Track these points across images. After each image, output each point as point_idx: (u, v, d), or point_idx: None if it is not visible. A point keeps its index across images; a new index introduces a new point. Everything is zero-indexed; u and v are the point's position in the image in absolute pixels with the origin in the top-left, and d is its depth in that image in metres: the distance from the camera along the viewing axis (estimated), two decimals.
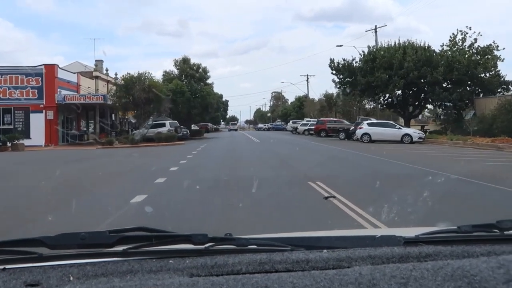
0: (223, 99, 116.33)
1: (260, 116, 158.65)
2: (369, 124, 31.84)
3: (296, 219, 6.41)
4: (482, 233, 1.32)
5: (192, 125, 73.24)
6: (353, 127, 35.88)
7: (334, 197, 7.84)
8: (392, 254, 1.16)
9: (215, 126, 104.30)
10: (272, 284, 0.97)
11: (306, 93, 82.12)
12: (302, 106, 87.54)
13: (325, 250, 1.19)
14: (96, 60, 55.21)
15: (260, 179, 10.78)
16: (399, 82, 34.16)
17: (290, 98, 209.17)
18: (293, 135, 54.76)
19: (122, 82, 35.81)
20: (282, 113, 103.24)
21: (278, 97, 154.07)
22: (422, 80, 34.47)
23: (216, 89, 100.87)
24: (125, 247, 1.17)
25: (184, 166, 15.40)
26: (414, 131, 31.06)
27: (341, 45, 43.91)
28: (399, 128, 31.00)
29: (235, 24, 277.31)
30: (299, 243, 1.26)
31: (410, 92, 36.78)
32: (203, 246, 1.19)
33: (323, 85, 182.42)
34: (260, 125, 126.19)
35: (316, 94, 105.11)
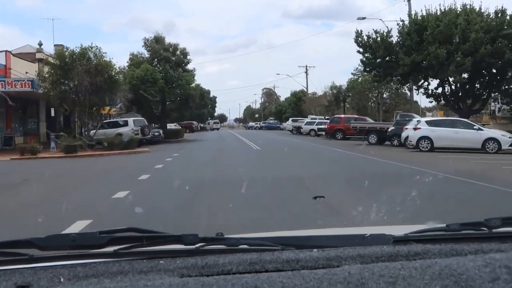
0: (211, 95, 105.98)
1: (250, 113, 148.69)
2: (430, 123, 20.95)
3: None
4: (470, 231, 1.32)
5: (174, 124, 62.07)
6: (392, 127, 25.13)
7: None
8: (381, 253, 1.16)
9: (201, 125, 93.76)
10: (261, 284, 0.96)
11: (305, 87, 71.27)
12: (300, 102, 77.31)
13: (315, 250, 1.18)
14: (55, 45, 44.18)
15: None
16: (465, 60, 23.31)
17: (283, 94, 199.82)
18: (295, 136, 44.03)
19: (57, 61, 24.52)
20: (276, 110, 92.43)
21: (269, 94, 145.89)
22: (496, 59, 23.66)
23: (204, 86, 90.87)
24: (115, 247, 1.16)
25: None
26: (502, 134, 20.15)
27: (363, 18, 33.09)
28: (479, 129, 20.13)
29: (223, 22, 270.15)
30: (290, 242, 1.24)
31: (477, 76, 25.94)
32: (193, 246, 1.17)
33: (324, 79, 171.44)
34: (251, 124, 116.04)
35: (316, 88, 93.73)
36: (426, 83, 28.09)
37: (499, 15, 24.73)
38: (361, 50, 27.64)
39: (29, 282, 1.02)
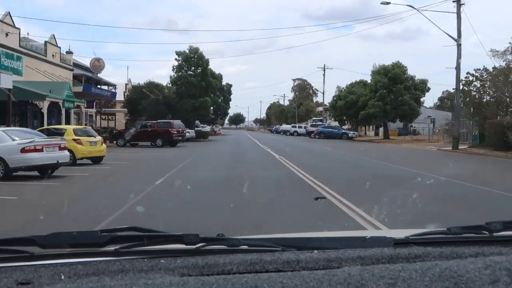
0: (224, 83, 62.36)
1: (279, 112, 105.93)
2: None
3: None
4: (471, 235, 1.30)
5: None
6: None
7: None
8: (382, 255, 1.15)
9: (204, 128, 51.56)
10: (261, 284, 0.96)
11: (454, 37, 27.79)
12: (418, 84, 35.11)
13: (315, 251, 1.17)
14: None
15: None
16: None
17: (325, 86, 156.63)
18: None
19: None
20: (346, 103, 48.62)
21: (303, 87, 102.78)
22: None
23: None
24: (116, 246, 1.16)
25: None
26: None
27: None
28: None
29: (242, 23, 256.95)
30: (291, 243, 1.24)
31: None
32: (194, 246, 1.17)
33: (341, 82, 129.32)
34: (284, 127, 72.92)
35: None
36: None
37: None
38: None
39: (29, 280, 1.01)
